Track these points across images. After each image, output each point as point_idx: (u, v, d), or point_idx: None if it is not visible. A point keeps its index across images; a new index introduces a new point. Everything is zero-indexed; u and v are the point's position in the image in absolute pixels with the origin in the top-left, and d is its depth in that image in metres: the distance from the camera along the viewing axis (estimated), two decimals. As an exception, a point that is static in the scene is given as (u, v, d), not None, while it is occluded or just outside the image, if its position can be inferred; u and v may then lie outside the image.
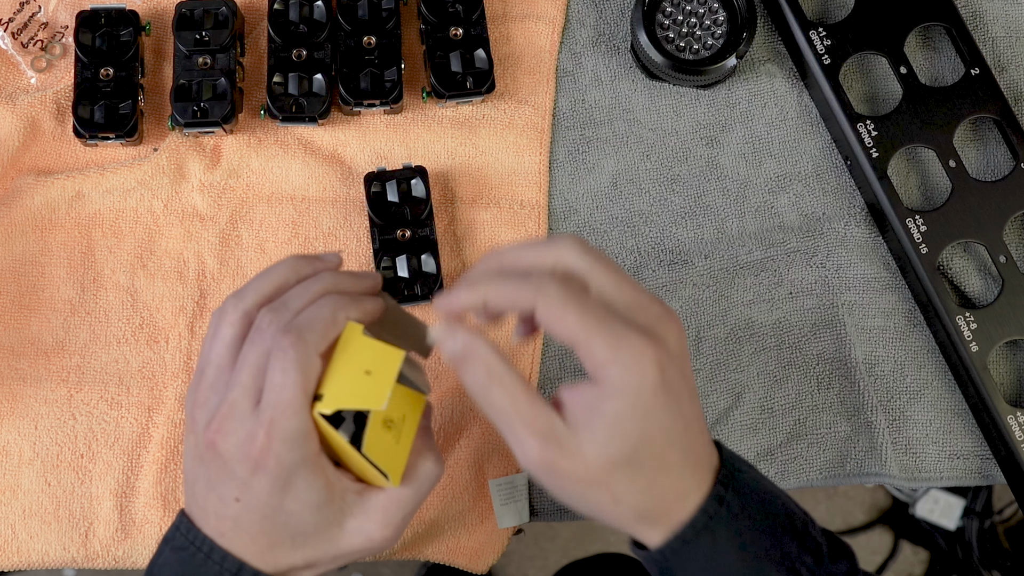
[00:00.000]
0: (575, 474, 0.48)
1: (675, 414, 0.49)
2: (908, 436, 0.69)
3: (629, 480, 0.49)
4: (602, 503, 0.49)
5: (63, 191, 0.70)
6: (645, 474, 0.49)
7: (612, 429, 0.47)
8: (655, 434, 0.48)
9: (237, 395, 0.51)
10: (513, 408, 0.48)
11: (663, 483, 0.49)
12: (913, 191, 0.73)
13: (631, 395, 0.47)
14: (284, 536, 0.52)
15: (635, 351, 0.47)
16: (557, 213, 0.72)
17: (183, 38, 0.69)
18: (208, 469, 0.52)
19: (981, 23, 0.74)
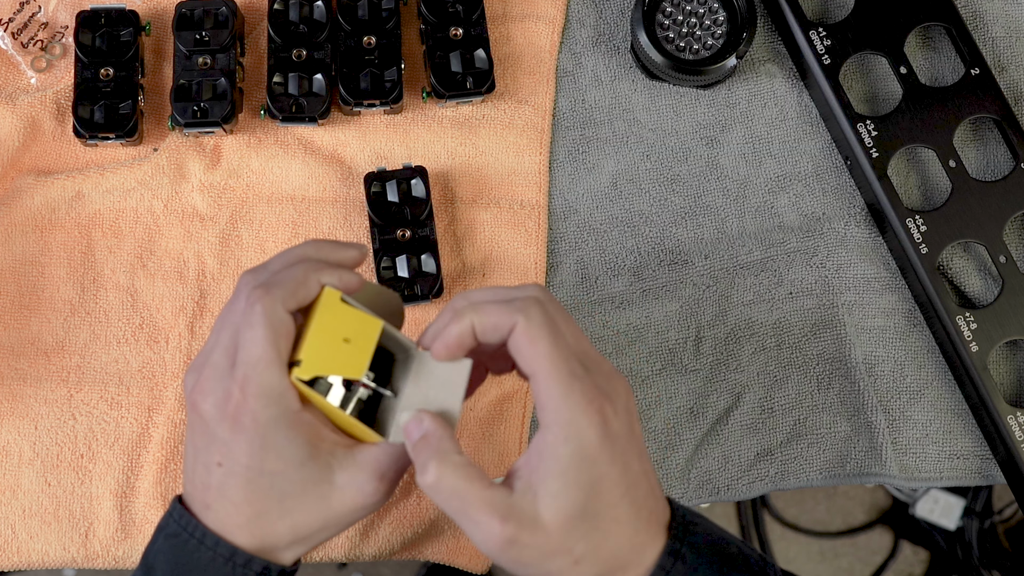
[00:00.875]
0: (536, 545, 0.49)
1: (622, 467, 0.49)
2: (908, 436, 0.69)
3: (585, 536, 0.49)
4: (563, 568, 0.50)
5: (63, 191, 0.70)
6: (600, 528, 0.49)
7: (564, 477, 0.48)
8: (605, 484, 0.49)
9: (217, 355, 0.51)
10: (471, 490, 0.49)
11: (618, 536, 0.50)
12: (913, 191, 0.73)
13: (578, 441, 0.48)
14: (270, 501, 0.51)
15: (586, 397, 0.48)
16: (557, 213, 0.72)
17: (183, 38, 0.69)
18: (194, 435, 0.52)
19: (981, 23, 0.74)
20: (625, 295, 0.70)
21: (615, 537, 0.50)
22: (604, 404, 0.49)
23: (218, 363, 0.51)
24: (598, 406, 0.49)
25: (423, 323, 0.69)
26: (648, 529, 0.51)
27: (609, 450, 0.49)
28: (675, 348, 0.70)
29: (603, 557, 0.50)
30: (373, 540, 0.67)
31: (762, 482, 0.69)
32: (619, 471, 0.49)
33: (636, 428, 0.51)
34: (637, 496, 0.50)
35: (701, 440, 0.69)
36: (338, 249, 0.55)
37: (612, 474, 0.49)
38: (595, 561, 0.50)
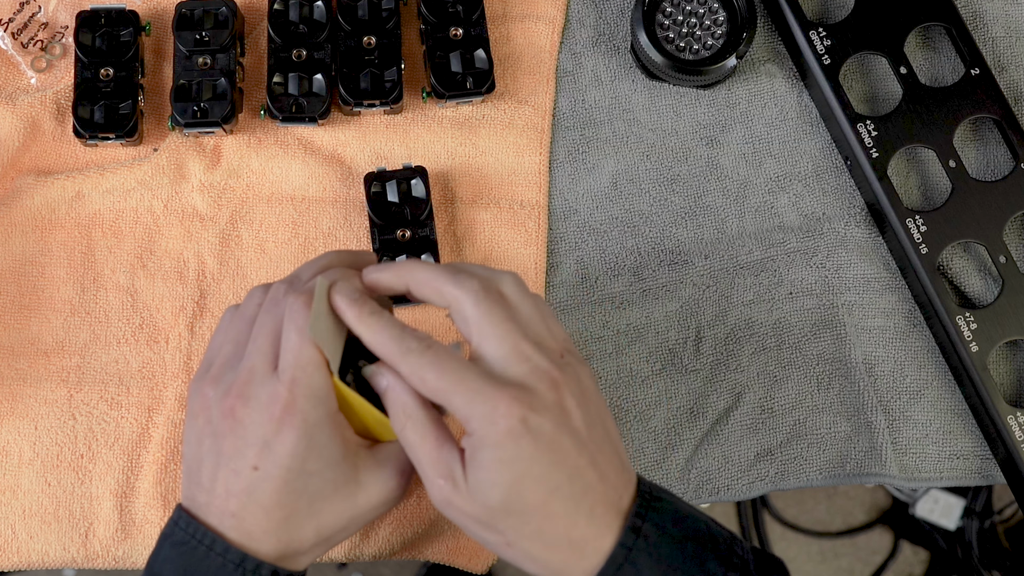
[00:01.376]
0: (470, 514, 0.50)
1: (550, 464, 0.49)
2: (908, 436, 0.69)
3: (514, 527, 0.50)
4: (498, 546, 0.51)
5: (63, 191, 0.70)
6: (527, 523, 0.50)
7: (484, 477, 0.49)
8: (527, 484, 0.49)
9: (256, 361, 0.52)
10: (422, 447, 0.51)
11: (551, 531, 0.50)
12: (913, 191, 0.73)
13: (492, 447, 0.49)
14: (301, 503, 0.52)
15: (488, 405, 0.49)
16: (557, 213, 0.72)
17: (183, 38, 0.69)
18: (221, 443, 0.52)
19: (981, 23, 0.74)
20: (625, 295, 0.70)
21: (547, 533, 0.50)
22: (514, 405, 0.49)
23: (257, 368, 0.52)
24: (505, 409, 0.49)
25: (423, 323, 0.69)
26: (592, 521, 0.51)
27: (531, 450, 0.49)
28: (675, 348, 0.70)
29: (535, 547, 0.51)
30: (373, 540, 0.67)
31: (762, 482, 0.69)
32: (544, 469, 0.49)
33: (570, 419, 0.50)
34: (574, 490, 0.50)
35: (701, 440, 0.69)
36: (357, 257, 0.57)
37: (535, 472, 0.49)
38: (527, 548, 0.51)
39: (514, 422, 0.49)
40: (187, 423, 0.55)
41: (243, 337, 0.54)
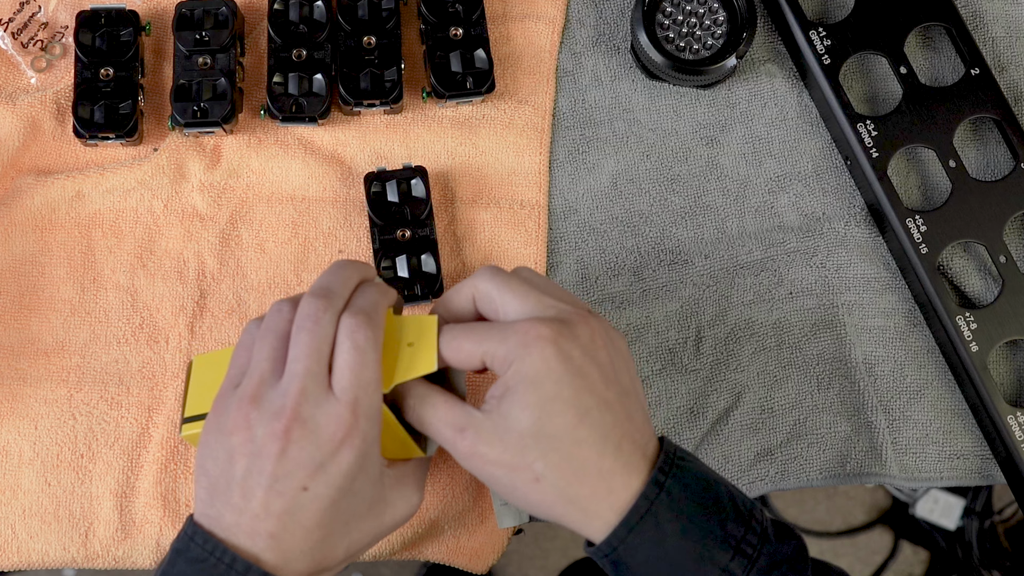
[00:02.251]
0: (495, 457, 0.52)
1: (582, 390, 0.51)
2: (908, 436, 0.69)
3: (542, 455, 0.51)
4: (526, 485, 0.52)
5: (63, 191, 0.70)
6: (557, 448, 0.51)
7: (516, 401, 0.51)
8: (557, 405, 0.51)
9: (307, 382, 0.51)
10: (434, 414, 0.53)
11: (580, 458, 0.51)
12: (913, 191, 0.73)
13: (524, 368, 0.51)
14: (339, 522, 0.52)
15: (519, 334, 0.52)
16: (557, 213, 0.72)
17: (183, 38, 0.69)
18: (264, 463, 0.51)
19: (981, 23, 0.74)
20: (625, 295, 0.70)
21: (576, 459, 0.51)
22: (551, 330, 0.51)
23: (310, 389, 0.51)
24: (538, 334, 0.51)
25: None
26: (619, 457, 0.52)
27: (560, 371, 0.51)
28: (675, 348, 0.70)
29: (565, 477, 0.51)
30: (373, 540, 0.67)
31: (762, 482, 0.69)
32: (575, 393, 0.51)
33: (607, 358, 0.53)
34: (603, 421, 0.52)
35: (701, 440, 0.69)
36: (372, 271, 0.58)
37: (565, 394, 0.51)
38: (556, 480, 0.51)
39: (546, 344, 0.51)
40: (215, 439, 0.53)
41: (279, 354, 0.53)
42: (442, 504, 0.67)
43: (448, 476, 0.67)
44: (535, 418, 0.51)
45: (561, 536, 1.51)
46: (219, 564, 0.51)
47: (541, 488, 0.52)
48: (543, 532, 1.52)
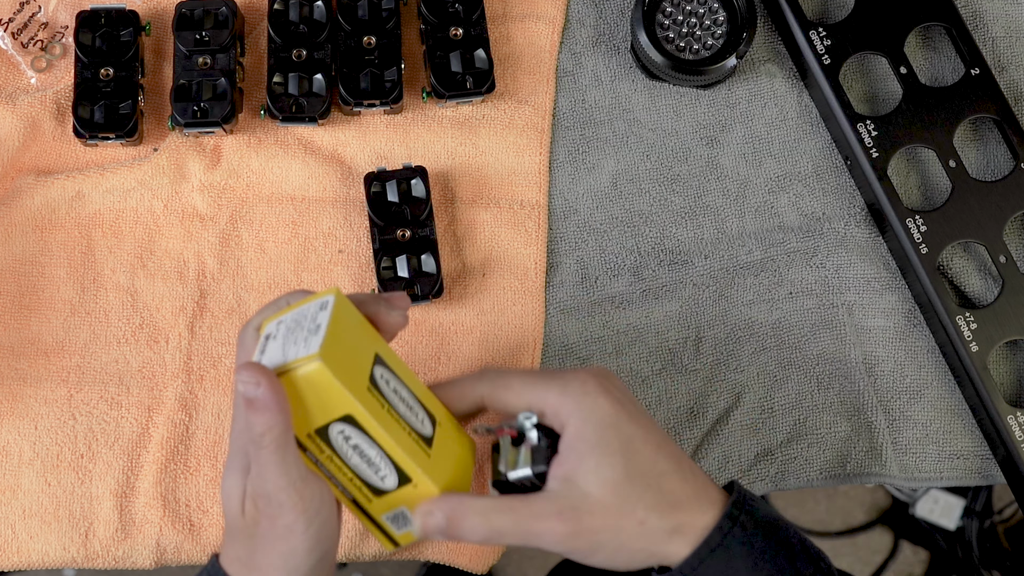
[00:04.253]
0: (600, 523, 0.51)
1: (644, 426, 0.53)
2: (908, 436, 0.69)
3: (640, 496, 0.51)
4: (634, 535, 0.52)
5: (63, 191, 0.70)
6: (649, 484, 0.52)
7: (599, 451, 0.51)
8: (636, 443, 0.52)
9: None
10: (517, 520, 0.52)
11: (670, 486, 0.52)
12: (913, 191, 0.73)
13: (594, 417, 0.51)
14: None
15: (577, 382, 0.52)
16: (557, 213, 0.72)
17: (183, 38, 0.69)
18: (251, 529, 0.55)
19: (981, 23, 0.74)
20: (625, 295, 0.70)
21: (667, 487, 0.52)
22: (598, 378, 0.53)
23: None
24: (593, 382, 0.53)
25: (423, 323, 0.69)
26: (696, 482, 0.53)
27: (625, 413, 0.52)
28: (675, 348, 0.70)
29: (664, 509, 0.52)
30: (373, 540, 0.67)
31: (762, 482, 0.69)
32: (644, 429, 0.52)
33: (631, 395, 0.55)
34: (672, 450, 0.53)
35: (701, 440, 0.69)
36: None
37: (639, 433, 0.52)
38: (659, 516, 0.52)
39: (601, 392, 0.52)
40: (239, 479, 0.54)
41: None
42: (442, 504, 0.67)
43: (448, 476, 0.67)
44: (624, 460, 0.51)
45: (561, 536, 1.51)
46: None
47: (646, 530, 0.52)
48: (543, 532, 1.51)
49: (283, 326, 0.54)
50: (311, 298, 0.54)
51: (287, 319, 0.54)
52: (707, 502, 0.53)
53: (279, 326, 0.54)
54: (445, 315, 0.69)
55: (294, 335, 0.52)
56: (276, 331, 0.54)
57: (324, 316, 0.52)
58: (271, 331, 0.54)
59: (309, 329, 0.52)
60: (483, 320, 0.69)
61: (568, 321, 0.70)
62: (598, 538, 0.52)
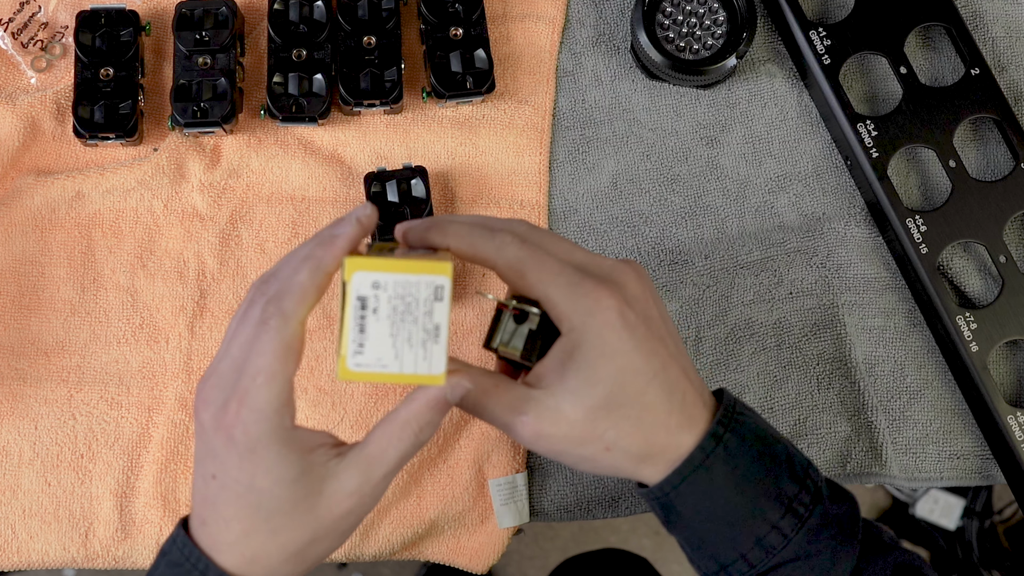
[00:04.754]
0: (564, 435, 0.50)
1: (646, 353, 0.51)
2: (908, 436, 0.69)
3: (614, 425, 0.50)
4: (597, 455, 0.51)
5: (63, 191, 0.70)
6: (628, 415, 0.50)
7: (583, 376, 0.50)
8: (628, 375, 0.50)
9: (224, 366, 0.49)
10: (495, 404, 0.51)
11: (649, 421, 0.51)
12: (913, 191, 0.73)
13: (594, 339, 0.50)
14: (258, 520, 0.49)
15: (590, 298, 0.50)
16: (557, 213, 0.72)
17: (183, 38, 0.69)
18: (198, 445, 0.51)
19: (981, 23, 0.74)
20: (625, 295, 0.70)
21: (647, 422, 0.51)
22: (613, 296, 0.50)
23: (224, 373, 0.49)
24: (607, 301, 0.50)
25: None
26: (684, 411, 0.52)
27: (628, 339, 0.50)
28: (675, 348, 0.70)
29: (636, 442, 0.51)
30: (373, 540, 0.67)
31: (762, 482, 0.69)
32: (643, 358, 0.50)
33: (655, 311, 0.52)
34: (668, 379, 0.51)
35: (701, 440, 0.69)
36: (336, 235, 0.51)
37: (635, 363, 0.50)
38: (627, 446, 0.51)
39: (613, 315, 0.50)
40: None
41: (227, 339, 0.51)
42: (442, 504, 0.67)
43: (448, 476, 0.67)
44: (607, 391, 0.50)
45: (561, 536, 1.52)
46: (193, 571, 0.51)
47: (611, 455, 0.51)
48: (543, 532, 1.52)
49: (385, 297, 0.47)
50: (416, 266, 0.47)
51: (389, 286, 0.47)
52: (689, 429, 0.52)
53: (377, 293, 0.47)
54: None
55: (405, 326, 0.47)
56: (376, 300, 0.47)
57: (441, 312, 0.47)
58: (367, 295, 0.47)
59: (425, 328, 0.47)
60: (483, 320, 0.69)
61: (568, 321, 0.70)
62: (560, 448, 0.51)
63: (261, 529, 0.50)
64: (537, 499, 0.68)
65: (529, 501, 0.68)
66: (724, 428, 0.52)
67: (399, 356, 0.47)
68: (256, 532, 0.50)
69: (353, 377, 0.48)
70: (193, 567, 0.51)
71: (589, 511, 0.69)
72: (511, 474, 0.68)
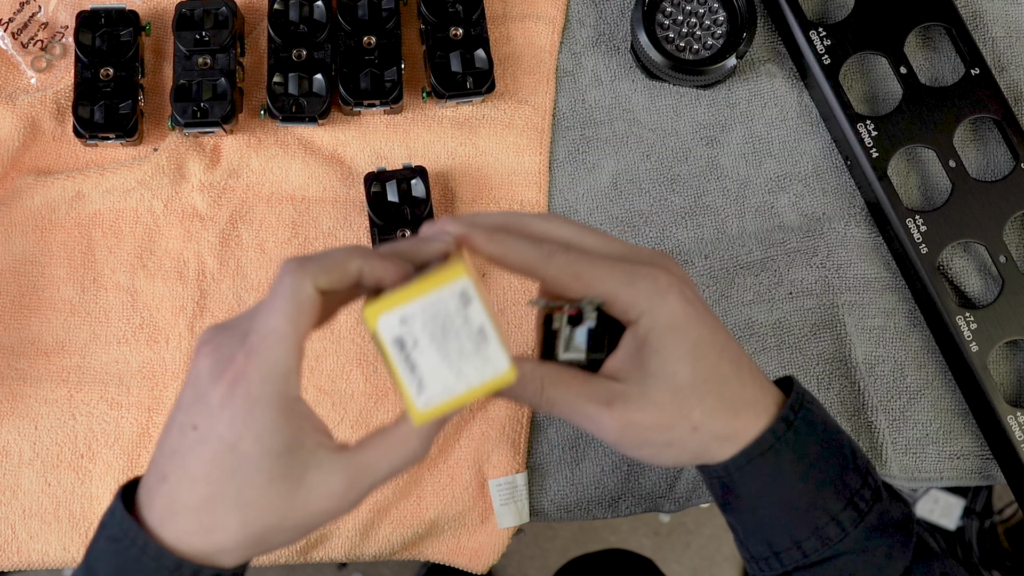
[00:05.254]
0: (652, 422, 0.50)
1: (710, 327, 0.50)
2: (908, 436, 0.69)
3: (700, 402, 0.50)
4: (684, 437, 0.50)
5: (63, 191, 0.70)
6: (711, 391, 0.50)
7: (663, 357, 0.49)
8: (702, 348, 0.50)
9: (241, 319, 0.47)
10: (575, 396, 0.50)
11: (728, 395, 0.51)
12: (913, 191, 0.73)
13: (664, 318, 0.49)
14: (228, 487, 0.46)
15: (649, 280, 0.49)
16: (557, 213, 0.72)
17: (183, 38, 0.69)
18: (185, 391, 0.48)
19: (981, 23, 0.74)
20: (625, 295, 0.70)
21: (727, 396, 0.51)
22: (668, 276, 0.50)
23: (237, 325, 0.47)
24: (664, 281, 0.50)
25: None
26: (754, 382, 0.52)
27: (694, 314, 0.50)
28: (675, 348, 0.70)
29: (720, 418, 0.50)
30: (373, 540, 0.67)
31: (762, 482, 0.69)
32: (709, 331, 0.50)
33: (700, 295, 0.52)
34: (733, 352, 0.51)
35: (701, 440, 0.69)
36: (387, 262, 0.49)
37: (705, 336, 0.50)
38: (712, 424, 0.50)
39: (675, 295, 0.49)
40: None
41: None
42: (442, 504, 0.67)
43: (448, 476, 0.67)
44: (689, 368, 0.49)
45: (561, 536, 1.51)
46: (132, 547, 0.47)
47: (698, 435, 0.50)
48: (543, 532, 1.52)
49: (419, 326, 0.45)
50: (431, 283, 0.45)
51: (417, 315, 0.45)
52: (763, 408, 0.51)
53: (410, 327, 0.45)
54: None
55: (451, 343, 0.45)
56: (411, 334, 0.45)
57: (477, 313, 0.45)
58: (401, 334, 0.45)
59: (470, 336, 0.45)
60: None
61: (568, 321, 0.70)
62: (646, 435, 0.50)
63: (229, 497, 0.46)
64: (537, 499, 0.68)
65: (529, 501, 0.68)
66: (794, 414, 0.52)
67: (461, 374, 0.45)
68: (222, 500, 0.46)
69: (431, 416, 0.45)
70: (132, 543, 0.47)
71: (589, 511, 0.69)
72: (511, 474, 0.68)
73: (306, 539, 0.66)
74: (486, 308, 0.45)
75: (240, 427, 0.46)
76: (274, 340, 0.46)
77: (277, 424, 0.46)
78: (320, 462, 0.48)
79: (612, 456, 0.69)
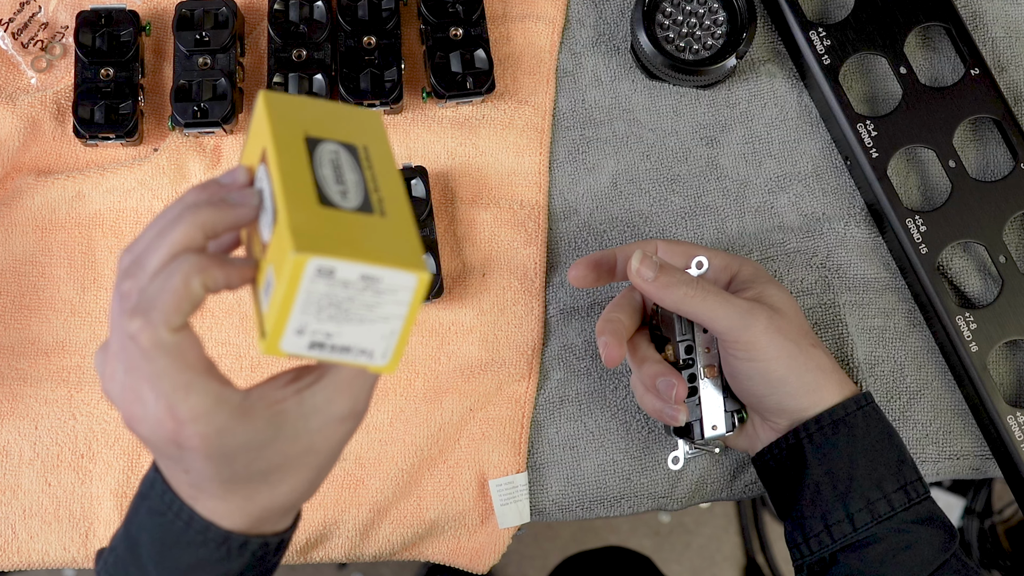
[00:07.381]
0: (787, 329, 0.59)
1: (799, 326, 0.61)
2: (908, 436, 0.69)
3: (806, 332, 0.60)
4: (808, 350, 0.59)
5: (63, 191, 0.70)
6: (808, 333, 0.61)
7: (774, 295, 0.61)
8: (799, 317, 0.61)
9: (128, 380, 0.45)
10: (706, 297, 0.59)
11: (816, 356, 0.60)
12: (913, 191, 0.73)
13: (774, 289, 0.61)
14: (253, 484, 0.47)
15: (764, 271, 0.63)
16: (557, 213, 0.72)
17: (183, 38, 0.69)
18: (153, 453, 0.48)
19: (981, 23, 0.74)
20: (625, 295, 0.70)
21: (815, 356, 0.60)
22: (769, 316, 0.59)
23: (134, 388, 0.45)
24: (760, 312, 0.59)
25: (423, 323, 0.69)
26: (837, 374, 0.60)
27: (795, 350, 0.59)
28: (675, 348, 0.70)
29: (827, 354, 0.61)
30: (373, 540, 0.67)
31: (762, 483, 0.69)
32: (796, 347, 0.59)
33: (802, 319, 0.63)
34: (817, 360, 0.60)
35: (701, 440, 0.69)
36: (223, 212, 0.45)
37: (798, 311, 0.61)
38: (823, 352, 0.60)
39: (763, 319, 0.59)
40: None
41: None
42: (442, 504, 0.67)
43: (448, 476, 0.67)
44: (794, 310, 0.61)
45: (561, 536, 1.52)
46: (176, 520, 0.48)
47: (817, 352, 0.60)
48: (543, 532, 1.52)
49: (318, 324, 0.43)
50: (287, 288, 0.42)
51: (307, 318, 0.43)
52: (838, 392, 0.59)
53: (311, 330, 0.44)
54: (445, 315, 0.69)
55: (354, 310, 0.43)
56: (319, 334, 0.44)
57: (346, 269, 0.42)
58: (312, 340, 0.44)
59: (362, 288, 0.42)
60: (483, 320, 0.69)
61: (568, 321, 0.70)
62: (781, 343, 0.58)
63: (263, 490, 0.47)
64: (537, 499, 0.68)
65: (529, 501, 0.68)
66: (866, 401, 0.60)
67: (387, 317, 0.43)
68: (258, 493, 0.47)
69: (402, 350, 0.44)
70: (176, 517, 0.47)
71: (590, 510, 0.69)
72: (511, 474, 0.68)
73: (306, 539, 0.66)
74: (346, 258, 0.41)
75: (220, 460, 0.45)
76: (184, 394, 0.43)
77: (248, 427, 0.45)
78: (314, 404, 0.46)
79: (613, 455, 0.69)
